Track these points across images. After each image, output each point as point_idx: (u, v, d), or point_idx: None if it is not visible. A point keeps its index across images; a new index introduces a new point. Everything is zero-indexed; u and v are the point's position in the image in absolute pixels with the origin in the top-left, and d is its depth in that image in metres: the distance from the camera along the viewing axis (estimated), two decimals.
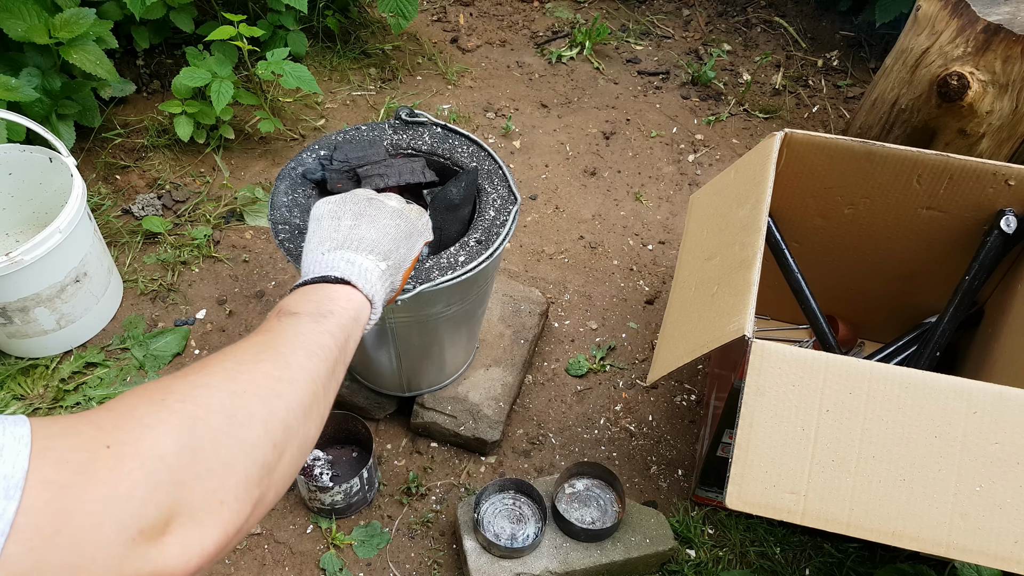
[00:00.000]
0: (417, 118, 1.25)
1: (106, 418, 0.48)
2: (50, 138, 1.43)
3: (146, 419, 0.49)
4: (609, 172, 1.98)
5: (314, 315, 0.69)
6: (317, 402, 0.63)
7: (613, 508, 1.27)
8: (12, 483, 0.41)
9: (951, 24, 1.54)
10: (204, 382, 0.55)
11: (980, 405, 0.90)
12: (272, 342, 0.64)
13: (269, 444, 0.55)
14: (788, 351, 0.94)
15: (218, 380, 0.55)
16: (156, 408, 0.50)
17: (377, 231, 0.84)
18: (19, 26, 1.60)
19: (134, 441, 0.47)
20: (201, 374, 0.56)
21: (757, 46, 2.41)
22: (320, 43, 2.26)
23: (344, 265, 0.78)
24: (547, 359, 1.56)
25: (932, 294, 1.38)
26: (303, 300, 0.72)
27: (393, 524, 1.32)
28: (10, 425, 0.43)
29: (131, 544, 0.45)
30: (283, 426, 0.57)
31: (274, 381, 0.59)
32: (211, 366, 0.57)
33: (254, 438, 0.54)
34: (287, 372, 0.60)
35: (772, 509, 0.90)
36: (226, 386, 0.55)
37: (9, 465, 0.41)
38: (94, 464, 0.44)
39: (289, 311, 0.69)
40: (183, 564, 0.47)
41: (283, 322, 0.67)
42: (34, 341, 1.47)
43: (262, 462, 0.54)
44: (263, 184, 1.87)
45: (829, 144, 1.24)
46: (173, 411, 0.50)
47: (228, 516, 0.50)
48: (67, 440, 0.45)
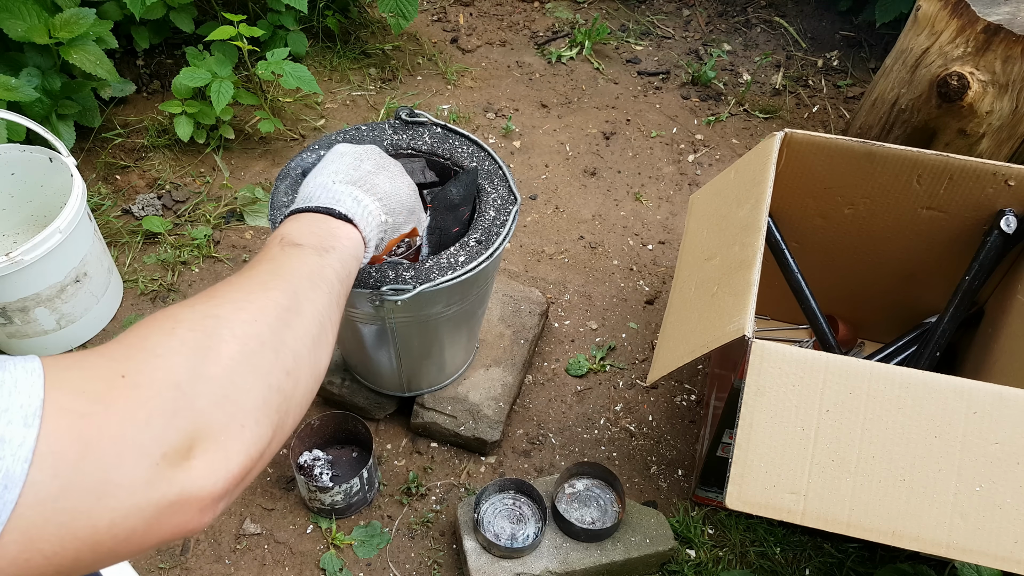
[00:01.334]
0: (417, 118, 1.25)
1: (117, 350, 0.49)
2: (50, 138, 1.43)
3: (158, 349, 0.50)
4: (609, 172, 1.98)
5: (317, 248, 0.69)
6: (324, 332, 0.63)
7: (613, 508, 1.27)
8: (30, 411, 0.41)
9: (951, 24, 1.54)
10: (214, 313, 0.55)
11: (980, 405, 0.90)
12: (278, 271, 0.64)
13: (282, 371, 0.56)
14: (788, 351, 0.94)
15: (227, 311, 0.56)
16: (167, 338, 0.51)
17: (392, 186, 0.84)
18: (19, 26, 1.60)
19: (148, 370, 0.48)
20: (210, 304, 0.56)
21: (757, 46, 2.41)
22: (320, 43, 2.26)
23: (351, 202, 0.77)
24: (547, 359, 1.56)
25: (932, 294, 1.38)
26: (306, 230, 0.71)
27: (393, 524, 1.32)
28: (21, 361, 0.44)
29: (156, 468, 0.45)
30: (294, 354, 0.58)
31: (283, 310, 0.59)
32: (219, 296, 0.58)
33: (267, 365, 0.55)
34: (294, 302, 0.61)
35: (772, 509, 0.90)
36: (236, 316, 0.56)
37: (25, 395, 0.42)
38: (110, 393, 0.45)
39: (292, 241, 0.68)
40: (210, 485, 0.48)
41: (287, 252, 0.67)
42: (34, 341, 1.47)
43: (277, 387, 0.55)
44: (263, 184, 1.87)
45: (829, 144, 1.24)
46: (184, 340, 0.51)
47: (250, 439, 0.51)
48: (81, 372, 0.46)
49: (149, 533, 0.46)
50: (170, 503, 0.46)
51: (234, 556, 1.27)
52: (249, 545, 1.28)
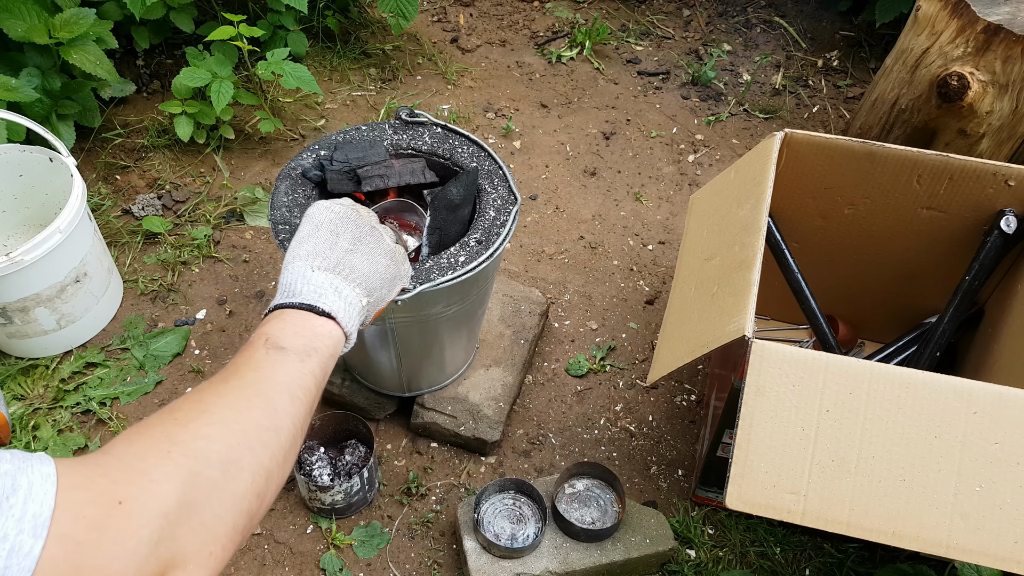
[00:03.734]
0: (417, 118, 1.25)
1: (118, 470, 0.53)
2: (50, 138, 1.43)
3: (154, 473, 0.54)
4: (609, 172, 1.98)
5: (300, 354, 0.71)
6: (295, 444, 0.67)
7: (613, 508, 1.27)
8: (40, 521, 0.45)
9: (951, 24, 1.54)
10: (204, 433, 0.59)
11: (980, 405, 0.90)
12: (262, 385, 0.67)
13: (254, 494, 0.60)
14: (788, 351, 0.94)
15: (217, 432, 0.60)
16: (163, 461, 0.55)
17: (370, 265, 0.83)
18: (19, 26, 1.60)
19: (143, 498, 0.52)
20: (201, 422, 0.60)
21: (757, 46, 2.41)
22: (320, 43, 2.26)
23: (332, 296, 0.78)
24: (547, 359, 1.56)
25: (932, 294, 1.38)
26: (290, 332, 0.73)
27: (393, 524, 1.32)
28: (36, 463, 0.47)
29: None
30: (267, 475, 0.62)
31: (263, 431, 0.63)
32: (209, 410, 0.62)
33: (243, 490, 0.59)
34: (275, 420, 0.64)
35: (772, 509, 0.90)
36: (224, 439, 0.59)
37: (38, 503, 0.45)
38: (107, 520, 0.49)
39: (276, 344, 0.70)
40: None
41: (272, 359, 0.69)
42: (34, 341, 1.47)
43: (247, 511, 0.59)
44: (263, 184, 1.87)
45: (829, 144, 1.24)
46: (178, 466, 0.55)
47: (214, 564, 0.56)
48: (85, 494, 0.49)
49: None
50: None
51: (234, 556, 1.27)
52: (249, 545, 1.28)
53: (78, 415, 1.43)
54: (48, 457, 0.48)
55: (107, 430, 1.41)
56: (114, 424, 1.41)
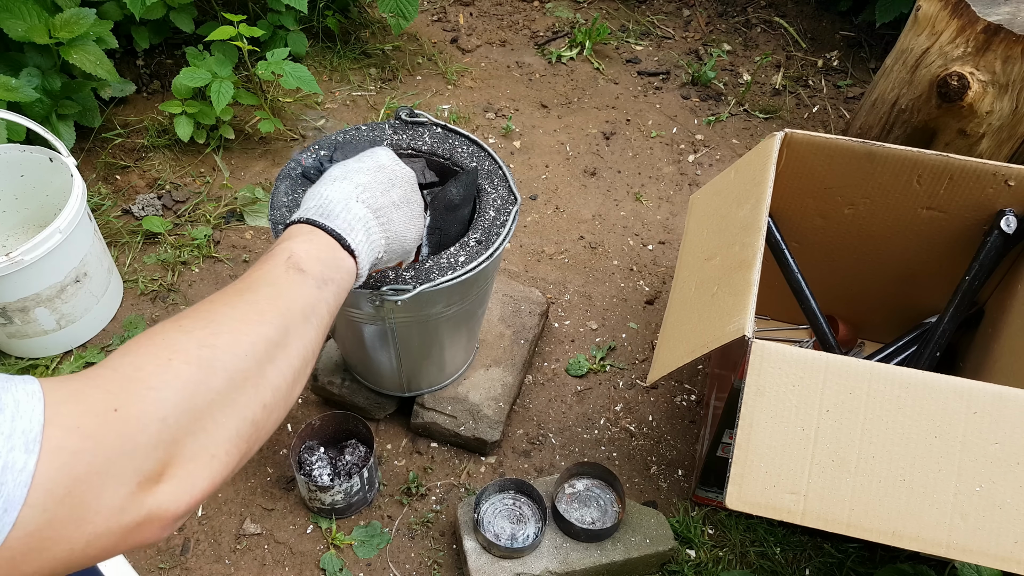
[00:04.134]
0: (417, 118, 1.25)
1: (113, 380, 0.52)
2: (50, 138, 1.43)
3: (152, 380, 0.53)
4: (609, 172, 1.98)
5: (319, 280, 0.71)
6: (306, 366, 0.66)
7: (613, 508, 1.27)
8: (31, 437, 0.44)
9: (951, 24, 1.54)
10: (210, 342, 0.57)
11: (980, 405, 0.90)
12: (276, 299, 0.66)
13: (260, 405, 0.59)
14: (788, 351, 0.94)
15: (224, 342, 0.58)
16: (162, 369, 0.54)
17: (404, 228, 0.85)
18: (19, 26, 1.60)
19: (140, 403, 0.51)
20: (207, 332, 0.58)
21: (757, 46, 2.41)
22: (320, 43, 2.26)
23: (362, 235, 0.78)
24: (547, 359, 1.56)
25: (932, 294, 1.38)
26: (315, 256, 0.72)
27: (393, 524, 1.32)
28: (20, 383, 0.47)
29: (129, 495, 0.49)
30: (274, 389, 0.61)
31: (273, 346, 0.62)
32: (216, 321, 0.60)
33: (247, 399, 0.58)
34: (284, 338, 0.63)
35: (772, 509, 0.90)
36: (230, 348, 0.58)
37: (27, 419, 0.45)
38: (102, 428, 0.48)
39: (298, 265, 0.70)
40: (174, 507, 0.52)
41: (291, 278, 0.69)
42: (34, 341, 1.47)
43: (251, 420, 0.58)
44: (263, 184, 1.87)
45: (829, 144, 1.24)
46: (178, 374, 0.54)
47: (217, 467, 0.55)
48: (77, 405, 0.49)
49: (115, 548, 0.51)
50: (138, 524, 0.50)
51: (234, 556, 1.27)
52: (249, 545, 1.28)
53: None
54: (32, 377, 0.48)
55: None
56: None
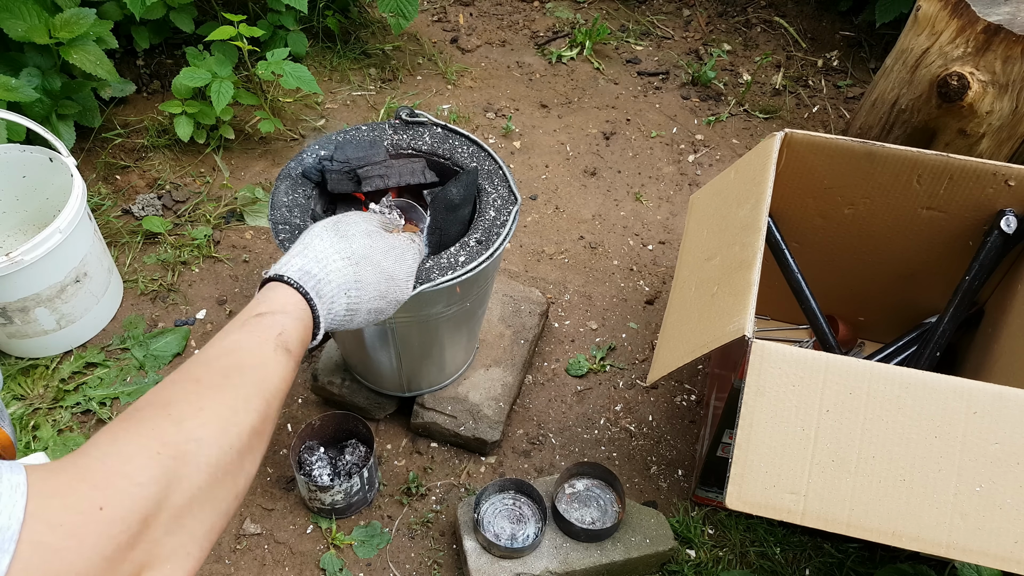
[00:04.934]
0: (417, 118, 1.25)
1: (100, 474, 0.51)
2: (50, 138, 1.43)
3: (139, 477, 0.52)
4: (609, 172, 1.98)
5: (298, 361, 0.72)
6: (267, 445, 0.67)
7: (613, 508, 1.27)
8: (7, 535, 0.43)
9: (951, 24, 1.54)
10: (198, 436, 0.57)
11: (980, 405, 0.90)
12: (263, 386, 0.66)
13: (234, 496, 0.60)
14: (788, 351, 0.94)
15: (211, 435, 0.58)
16: (150, 464, 0.53)
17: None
18: (19, 26, 1.60)
19: (127, 504, 0.50)
20: (197, 421, 0.58)
21: (757, 46, 2.41)
22: (320, 43, 2.26)
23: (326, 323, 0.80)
24: (547, 359, 1.56)
25: (932, 294, 1.38)
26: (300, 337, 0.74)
27: (393, 524, 1.32)
28: (6, 472, 0.45)
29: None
30: (247, 477, 0.62)
31: (254, 436, 0.63)
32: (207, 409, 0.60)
33: (224, 493, 0.59)
34: (265, 425, 0.65)
35: (772, 509, 0.90)
36: (217, 442, 0.58)
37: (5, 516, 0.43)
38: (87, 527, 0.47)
39: (286, 346, 0.71)
40: None
41: (278, 361, 0.69)
42: (34, 341, 1.47)
43: (225, 512, 0.59)
44: (263, 184, 1.87)
45: (829, 144, 1.24)
46: (165, 469, 0.54)
47: (190, 565, 0.55)
48: (63, 501, 0.47)
49: None
50: None
51: (234, 556, 1.27)
52: (249, 545, 1.28)
53: (78, 415, 1.43)
54: (19, 465, 0.47)
55: None
56: None
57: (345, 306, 0.83)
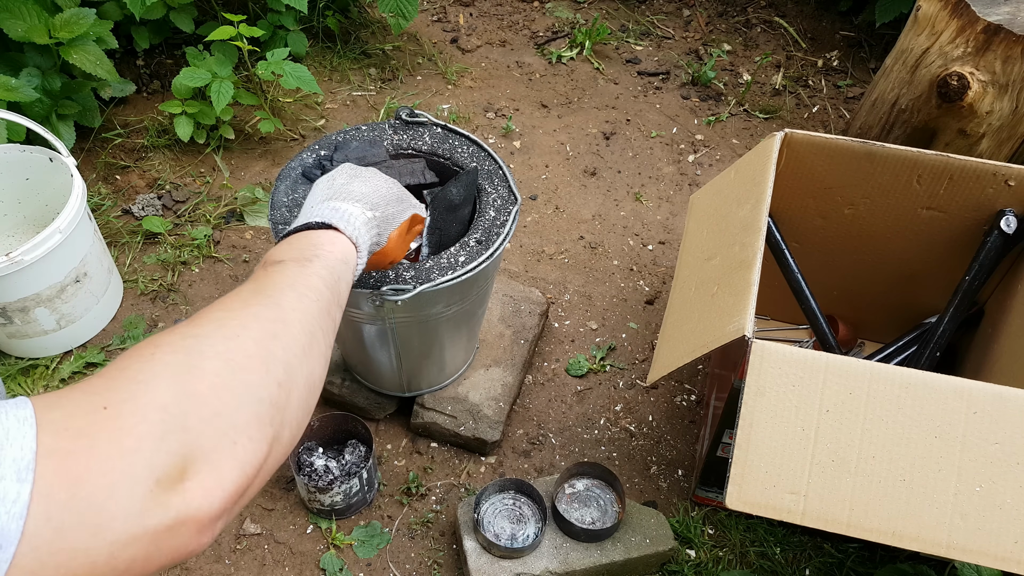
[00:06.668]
0: (417, 118, 1.25)
1: (98, 383, 0.49)
2: (50, 138, 1.43)
3: (139, 376, 0.49)
4: (609, 172, 1.98)
5: (299, 260, 0.69)
6: (315, 341, 0.63)
7: (613, 508, 1.27)
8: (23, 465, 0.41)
9: (951, 24, 1.54)
10: (194, 332, 0.55)
11: (980, 405, 0.90)
12: (260, 288, 0.64)
13: (273, 383, 0.55)
14: (788, 351, 0.94)
15: (209, 329, 0.55)
16: (147, 363, 0.51)
17: (368, 188, 0.86)
18: (19, 26, 1.60)
19: (131, 397, 0.47)
20: (191, 325, 0.56)
21: (757, 46, 2.41)
22: (320, 43, 2.26)
23: (329, 212, 0.78)
24: (547, 359, 1.56)
25: (932, 294, 1.38)
26: (287, 248, 0.72)
27: (393, 524, 1.32)
28: (12, 408, 0.43)
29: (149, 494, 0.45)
30: (284, 365, 0.57)
31: (267, 322, 0.59)
32: (201, 317, 0.58)
33: (256, 378, 0.54)
34: (279, 313, 0.60)
35: (772, 509, 0.90)
36: (218, 332, 0.55)
37: (17, 448, 0.42)
38: (94, 426, 0.45)
39: (274, 260, 0.69)
40: (207, 506, 0.48)
41: (268, 270, 0.67)
42: (34, 341, 1.47)
43: (269, 400, 0.54)
44: (263, 184, 1.87)
45: (829, 144, 1.24)
46: (166, 363, 0.51)
47: (244, 455, 0.51)
48: (62, 409, 0.45)
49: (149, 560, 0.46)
50: (167, 528, 0.46)
51: (234, 556, 1.27)
52: (249, 545, 1.28)
53: None
54: (24, 399, 0.45)
55: None
56: None
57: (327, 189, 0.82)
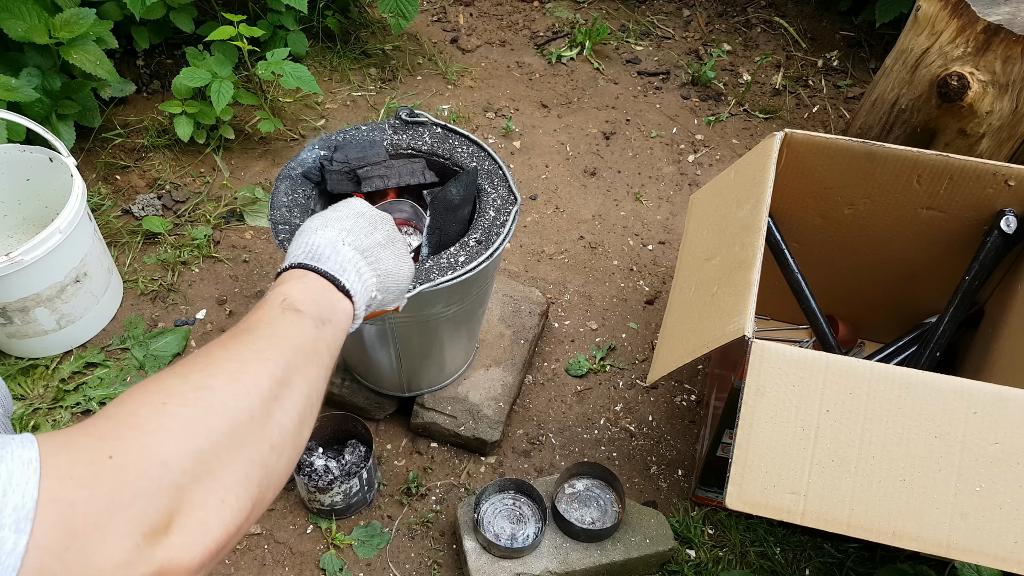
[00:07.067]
0: (417, 118, 1.25)
1: (107, 427, 0.49)
2: (50, 138, 1.43)
3: (147, 425, 0.50)
4: (609, 172, 1.98)
5: (316, 320, 0.69)
6: (311, 408, 0.64)
7: (613, 508, 1.27)
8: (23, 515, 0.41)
9: (951, 24, 1.54)
10: (208, 384, 0.55)
11: (980, 405, 0.90)
12: (275, 338, 0.64)
13: (268, 445, 0.56)
14: (788, 351, 0.94)
15: (222, 382, 0.56)
16: (157, 413, 0.51)
17: (394, 265, 0.84)
18: (19, 26, 1.60)
19: (136, 449, 0.48)
20: (204, 373, 0.56)
21: (757, 46, 2.41)
22: (320, 43, 2.26)
23: (354, 275, 0.77)
24: (547, 359, 1.56)
25: (932, 294, 1.38)
26: (309, 296, 0.71)
27: (393, 524, 1.32)
28: (18, 447, 0.43)
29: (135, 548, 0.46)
30: (280, 429, 0.58)
31: (276, 383, 0.59)
32: (214, 363, 0.58)
33: (253, 440, 0.55)
34: (287, 375, 0.61)
35: (772, 509, 0.90)
36: (229, 387, 0.56)
37: (19, 495, 0.42)
38: (98, 477, 0.45)
39: (294, 306, 0.68)
40: (188, 559, 0.49)
41: (287, 318, 0.67)
42: (34, 341, 1.47)
43: (261, 462, 0.55)
44: (263, 184, 1.87)
45: (829, 144, 1.24)
46: (175, 416, 0.51)
47: (229, 514, 0.52)
48: (69, 455, 0.46)
49: None
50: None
51: (234, 556, 1.27)
52: (249, 545, 1.28)
53: (78, 415, 1.43)
54: (30, 438, 0.44)
55: None
56: None
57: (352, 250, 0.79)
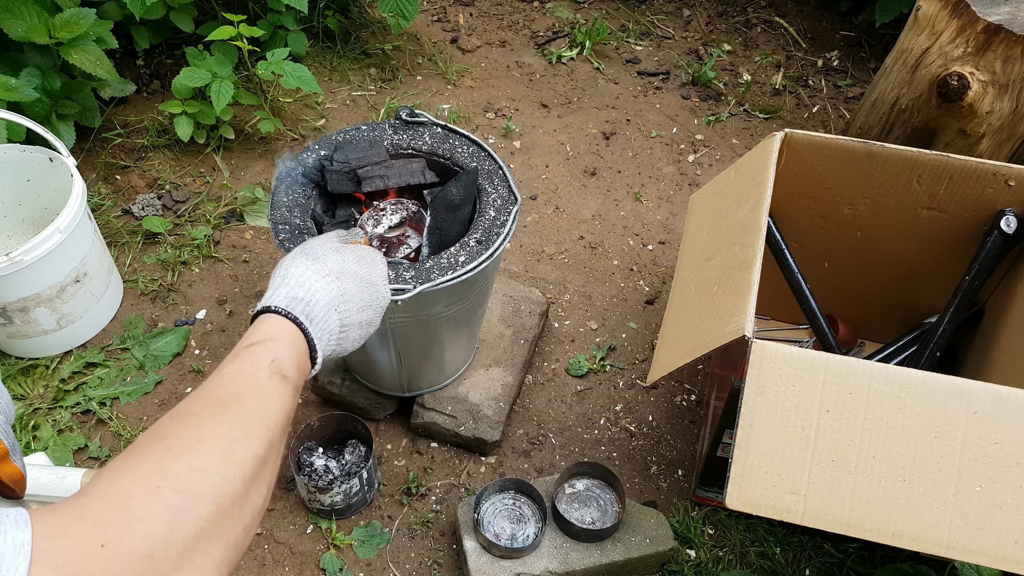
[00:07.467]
0: (417, 118, 1.25)
1: (100, 511, 0.50)
2: (50, 138, 1.43)
3: (140, 512, 0.51)
4: (609, 172, 1.98)
5: (296, 388, 0.72)
6: (275, 476, 0.66)
7: (613, 508, 1.27)
8: None
9: (951, 24, 1.54)
10: (199, 466, 0.57)
11: (980, 405, 0.90)
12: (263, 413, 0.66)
13: (241, 527, 0.59)
14: (788, 351, 0.94)
15: (213, 465, 0.58)
16: (151, 498, 0.53)
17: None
18: (19, 26, 1.60)
19: (128, 539, 0.49)
20: (197, 452, 0.58)
21: (757, 46, 2.41)
22: (320, 43, 2.26)
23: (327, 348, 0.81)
24: (547, 359, 1.56)
25: (932, 294, 1.38)
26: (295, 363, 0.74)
27: (393, 524, 1.32)
28: (11, 528, 0.44)
29: None
30: (253, 509, 0.61)
31: (258, 463, 0.62)
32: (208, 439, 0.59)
33: (231, 524, 0.58)
34: (269, 453, 0.64)
35: (772, 509, 0.90)
36: (220, 472, 0.58)
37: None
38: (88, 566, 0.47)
39: (281, 372, 0.70)
40: None
41: (275, 387, 0.69)
42: (34, 341, 1.47)
43: (234, 545, 0.58)
44: (263, 184, 1.87)
45: (829, 144, 1.24)
46: (167, 503, 0.53)
47: None
48: (63, 541, 0.47)
49: None
50: None
51: None
52: (249, 545, 1.28)
53: (78, 415, 1.43)
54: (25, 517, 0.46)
55: (107, 430, 1.41)
56: (114, 424, 1.41)
57: (338, 323, 0.83)
